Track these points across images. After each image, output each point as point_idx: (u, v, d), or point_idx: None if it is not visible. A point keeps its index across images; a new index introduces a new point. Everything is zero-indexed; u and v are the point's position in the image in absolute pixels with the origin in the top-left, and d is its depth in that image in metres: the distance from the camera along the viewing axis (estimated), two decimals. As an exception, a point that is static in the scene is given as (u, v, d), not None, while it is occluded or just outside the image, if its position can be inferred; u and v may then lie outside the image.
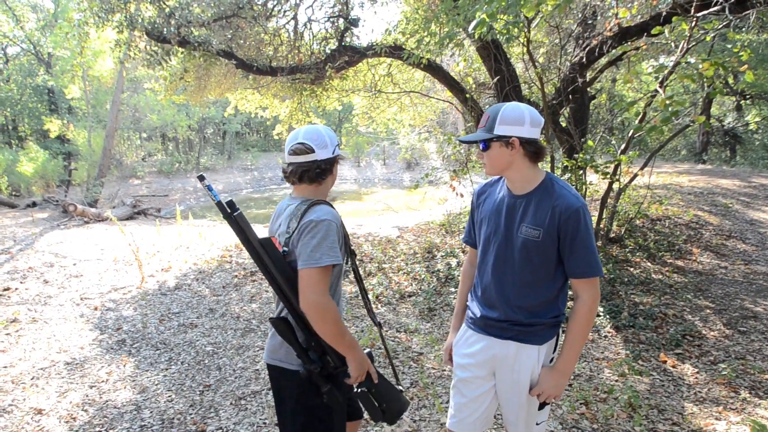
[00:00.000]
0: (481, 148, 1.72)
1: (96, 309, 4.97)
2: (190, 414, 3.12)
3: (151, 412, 3.14)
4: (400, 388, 1.84)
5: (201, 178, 1.53)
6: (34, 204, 12.89)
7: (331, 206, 1.68)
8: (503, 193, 1.81)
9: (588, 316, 1.69)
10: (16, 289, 5.52)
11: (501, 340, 1.79)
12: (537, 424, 1.83)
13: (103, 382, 3.55)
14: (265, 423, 2.98)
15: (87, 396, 3.36)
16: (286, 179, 1.73)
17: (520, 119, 1.65)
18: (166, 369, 3.73)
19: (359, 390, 1.69)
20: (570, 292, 1.80)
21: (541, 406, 1.79)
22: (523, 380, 1.77)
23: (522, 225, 1.71)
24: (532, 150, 1.68)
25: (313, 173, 1.68)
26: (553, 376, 1.72)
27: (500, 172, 1.75)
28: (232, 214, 1.52)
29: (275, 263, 1.56)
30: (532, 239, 1.68)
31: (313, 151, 1.66)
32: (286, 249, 1.62)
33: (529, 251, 1.70)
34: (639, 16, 5.40)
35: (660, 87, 4.19)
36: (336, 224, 1.60)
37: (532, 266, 1.71)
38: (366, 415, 2.63)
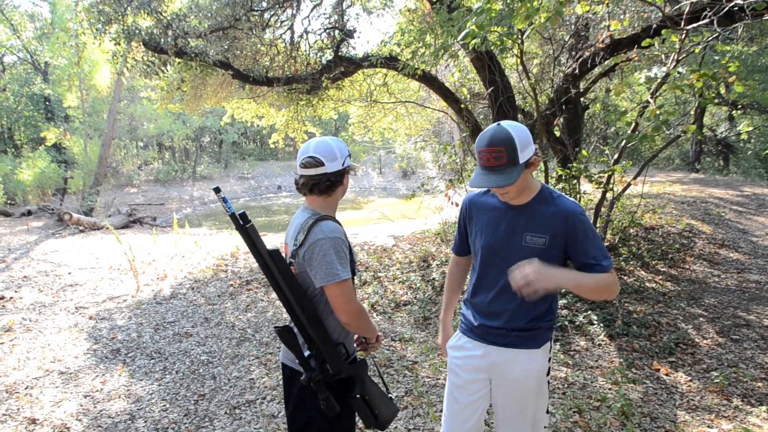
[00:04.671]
0: (509, 183, 1.61)
1: (91, 318, 4.96)
2: (185, 423, 3.11)
3: (145, 422, 3.14)
4: (391, 396, 1.89)
5: (217, 191, 1.56)
6: (29, 212, 12.85)
7: (337, 221, 1.74)
8: (498, 203, 1.81)
9: (607, 282, 1.65)
10: (11, 298, 5.50)
11: (498, 347, 1.82)
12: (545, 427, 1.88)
13: (97, 391, 3.54)
14: (259, 432, 2.98)
15: (81, 406, 3.35)
16: (298, 190, 1.78)
17: (529, 137, 1.66)
18: (161, 378, 3.73)
19: (355, 396, 1.74)
20: (560, 301, 1.83)
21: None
22: (523, 386, 1.80)
23: (526, 234, 1.73)
24: (538, 159, 1.73)
25: (323, 185, 1.71)
26: (544, 268, 1.56)
27: (522, 193, 1.73)
28: (244, 226, 1.56)
29: (283, 274, 1.60)
30: (537, 247, 1.71)
31: (323, 164, 1.68)
32: (292, 260, 1.70)
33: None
34: (630, 29, 5.49)
35: (651, 98, 4.26)
36: (344, 239, 1.69)
37: None
38: (360, 423, 2.64)
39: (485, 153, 1.62)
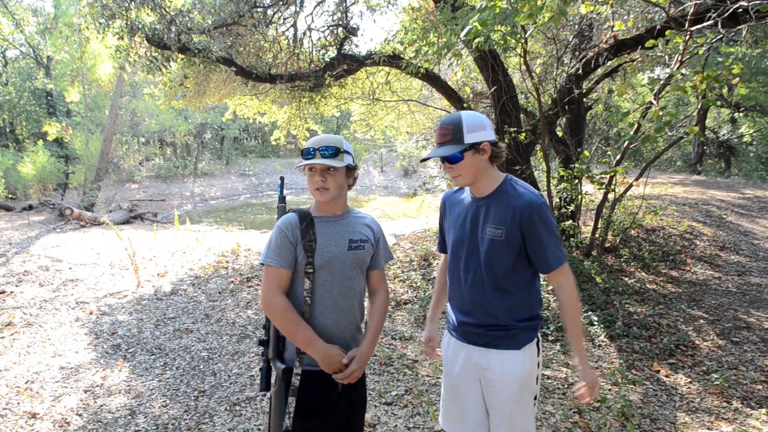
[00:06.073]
0: (451, 161, 1.71)
1: (91, 313, 4.96)
2: (185, 419, 3.12)
3: (145, 417, 3.14)
4: (287, 425, 1.75)
5: (282, 179, 2.12)
6: (30, 207, 12.87)
7: (297, 213, 1.82)
8: (468, 198, 1.85)
9: (574, 301, 1.75)
10: (12, 292, 5.51)
11: (479, 347, 1.81)
12: None
13: (97, 386, 3.55)
14: (259, 429, 2.99)
15: (81, 401, 3.36)
16: None
17: (483, 124, 1.70)
18: (161, 374, 3.73)
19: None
20: (542, 296, 1.81)
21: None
22: (505, 389, 1.77)
23: (486, 226, 1.74)
24: (498, 151, 1.73)
25: None
26: (583, 375, 1.74)
27: (474, 180, 1.76)
28: (279, 204, 1.95)
29: None
30: (496, 239, 1.71)
31: None
32: None
33: (494, 252, 1.72)
34: (634, 29, 5.48)
35: (654, 99, 4.26)
36: (282, 229, 1.76)
37: (499, 267, 1.73)
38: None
39: (436, 132, 1.77)
